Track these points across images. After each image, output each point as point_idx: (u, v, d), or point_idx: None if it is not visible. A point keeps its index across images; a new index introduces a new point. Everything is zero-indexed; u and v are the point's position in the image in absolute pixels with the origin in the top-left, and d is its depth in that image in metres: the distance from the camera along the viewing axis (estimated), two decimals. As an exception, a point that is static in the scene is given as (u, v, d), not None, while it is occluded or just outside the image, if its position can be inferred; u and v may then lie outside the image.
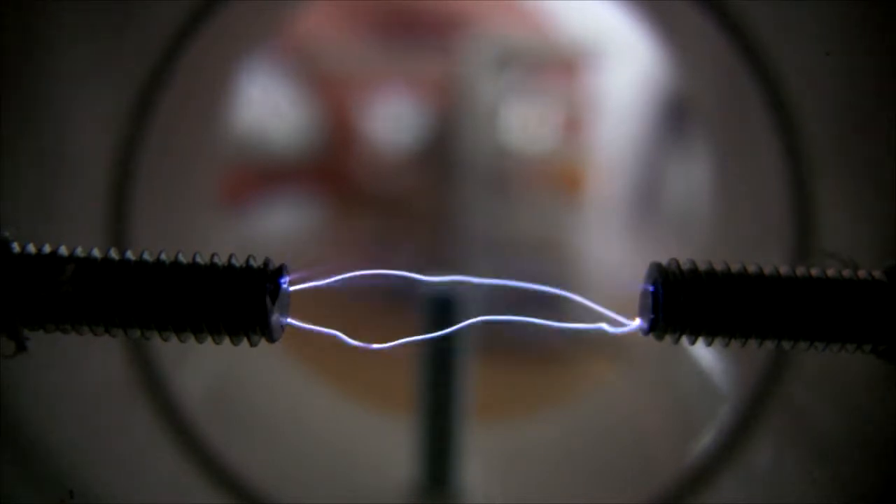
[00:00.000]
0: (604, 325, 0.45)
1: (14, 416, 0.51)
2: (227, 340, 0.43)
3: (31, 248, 0.43)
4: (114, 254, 0.43)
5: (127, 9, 0.60)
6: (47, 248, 0.43)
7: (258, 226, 1.50)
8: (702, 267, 0.44)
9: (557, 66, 1.57)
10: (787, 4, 0.57)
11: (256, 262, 0.43)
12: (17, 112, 0.53)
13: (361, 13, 1.58)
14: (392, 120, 1.58)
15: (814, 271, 0.45)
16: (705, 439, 0.67)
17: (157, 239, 0.68)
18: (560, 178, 1.57)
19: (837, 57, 0.54)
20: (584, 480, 0.76)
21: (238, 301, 0.42)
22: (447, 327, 0.74)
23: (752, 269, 0.45)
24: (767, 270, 0.45)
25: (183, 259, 0.43)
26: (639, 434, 0.81)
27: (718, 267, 0.45)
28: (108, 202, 0.64)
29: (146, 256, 0.43)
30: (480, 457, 0.78)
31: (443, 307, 0.71)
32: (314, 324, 0.45)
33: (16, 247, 0.43)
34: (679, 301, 0.44)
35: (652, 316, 0.45)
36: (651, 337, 0.45)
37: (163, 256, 0.43)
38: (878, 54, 0.51)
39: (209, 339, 0.43)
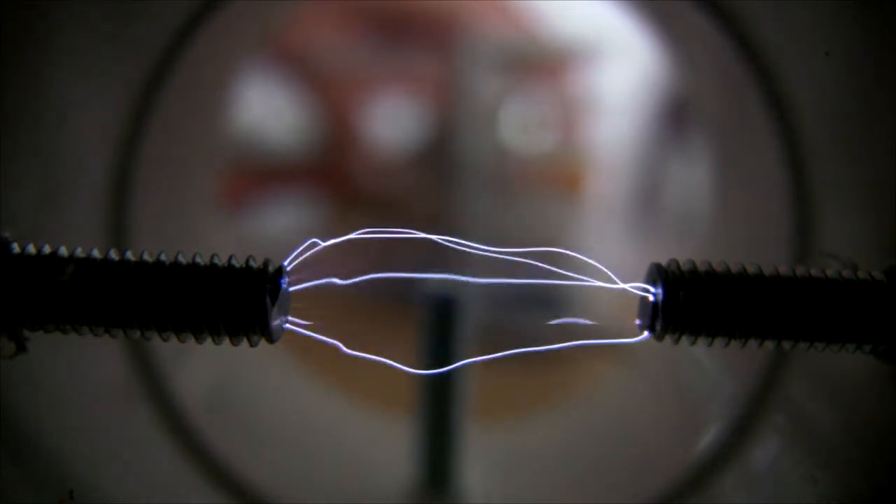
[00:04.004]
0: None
1: (14, 416, 0.51)
2: (226, 341, 0.43)
3: (31, 249, 0.43)
4: (114, 254, 0.43)
5: (126, 9, 0.60)
6: (47, 249, 0.43)
7: (258, 226, 1.50)
8: (702, 267, 0.45)
9: (557, 66, 1.57)
10: (787, 4, 0.57)
11: (256, 263, 0.43)
12: (17, 112, 0.53)
13: (359, 14, 1.58)
14: (391, 120, 1.58)
15: (814, 271, 0.45)
16: (705, 439, 0.67)
17: (157, 239, 0.68)
18: (560, 178, 1.57)
19: (837, 57, 0.54)
20: (583, 480, 0.76)
21: (238, 301, 0.42)
22: (448, 327, 0.74)
23: (752, 269, 0.45)
24: (767, 270, 0.45)
25: (183, 259, 0.43)
26: (639, 434, 0.81)
27: (718, 267, 0.45)
28: (108, 202, 0.64)
29: (146, 256, 0.43)
30: (480, 457, 0.78)
31: (444, 307, 0.71)
32: (314, 324, 0.45)
33: (16, 247, 0.43)
34: (679, 302, 0.44)
35: (652, 316, 0.45)
36: (651, 337, 0.45)
37: (163, 257, 0.43)
38: (878, 54, 0.51)
39: (209, 340, 0.43)
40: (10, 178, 0.52)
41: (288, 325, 0.45)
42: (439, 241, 0.45)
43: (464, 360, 0.76)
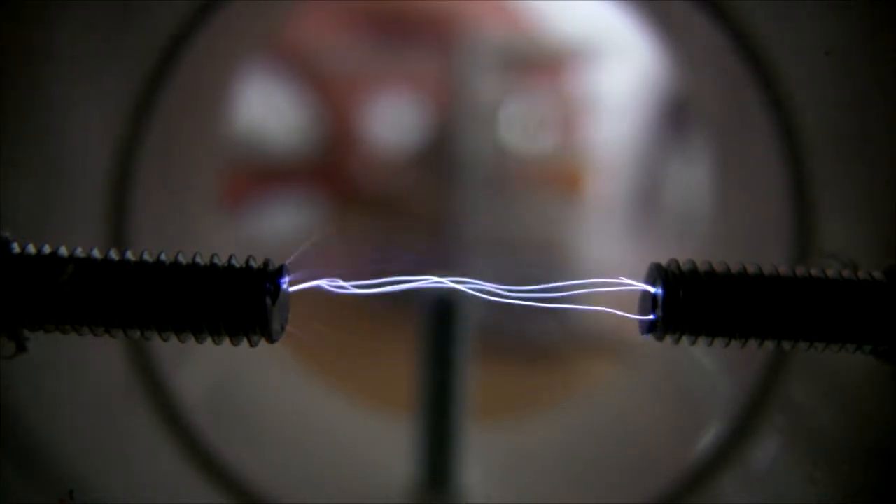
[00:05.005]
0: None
1: (14, 416, 0.51)
2: (226, 341, 0.43)
3: (31, 248, 0.43)
4: (114, 254, 0.43)
5: (127, 9, 0.60)
6: (47, 249, 0.43)
7: (258, 226, 1.50)
8: (702, 267, 0.45)
9: (557, 65, 1.57)
10: (786, 4, 0.57)
11: (256, 263, 0.43)
12: (18, 112, 0.53)
13: (359, 14, 1.58)
14: (391, 120, 1.58)
15: (814, 271, 0.45)
16: (705, 439, 0.67)
17: (157, 239, 0.68)
18: (560, 178, 1.57)
19: (837, 57, 0.54)
20: (583, 480, 0.76)
21: (238, 301, 0.42)
22: (448, 326, 0.74)
23: (752, 269, 0.45)
24: (767, 270, 0.45)
25: (183, 259, 0.43)
26: (639, 434, 0.81)
27: (718, 267, 0.45)
28: (108, 202, 0.64)
29: (146, 257, 0.43)
30: (480, 457, 0.78)
31: (443, 306, 0.71)
32: (313, 323, 0.45)
33: (16, 247, 0.43)
34: (679, 302, 0.44)
35: (652, 316, 0.45)
36: (651, 337, 0.45)
37: (163, 257, 0.43)
38: (878, 54, 0.51)
39: (209, 340, 0.43)
40: (10, 178, 0.52)
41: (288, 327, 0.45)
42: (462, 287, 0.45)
43: (464, 359, 0.76)
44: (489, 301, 0.45)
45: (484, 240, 1.50)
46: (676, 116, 1.46)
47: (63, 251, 0.43)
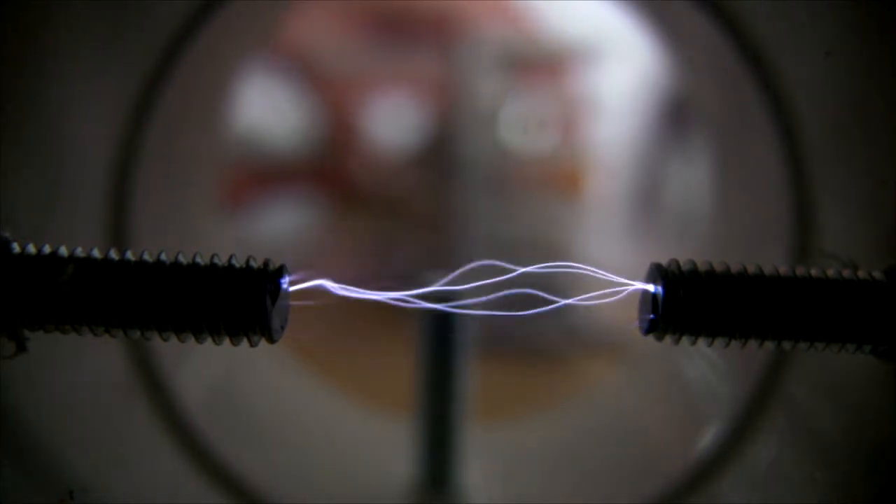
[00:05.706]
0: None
1: (14, 416, 0.51)
2: (227, 341, 0.43)
3: (31, 248, 0.43)
4: (114, 254, 0.43)
5: (127, 9, 0.60)
6: (47, 249, 0.43)
7: (258, 226, 1.50)
8: (702, 267, 0.45)
9: (557, 66, 1.57)
10: (786, 5, 0.57)
11: (256, 263, 0.43)
12: (18, 112, 0.53)
13: (359, 14, 1.58)
14: (392, 120, 1.58)
15: (814, 271, 0.45)
16: (705, 439, 0.67)
17: (158, 239, 0.68)
18: (560, 178, 1.57)
19: (837, 57, 0.54)
20: (584, 480, 0.76)
21: (238, 301, 0.42)
22: (447, 327, 0.74)
23: (752, 269, 0.45)
24: (767, 270, 0.45)
25: (183, 259, 0.43)
26: (639, 434, 0.81)
27: (718, 267, 0.45)
28: (109, 202, 0.64)
29: (146, 256, 0.43)
30: (480, 457, 0.78)
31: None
32: (313, 322, 0.45)
33: (16, 247, 0.43)
34: (679, 301, 0.44)
35: (652, 316, 0.45)
36: (651, 337, 0.45)
37: (163, 256, 0.43)
38: (878, 54, 0.51)
39: (209, 340, 0.43)
40: (10, 178, 0.52)
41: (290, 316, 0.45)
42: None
43: (463, 359, 0.76)
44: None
45: (484, 240, 1.50)
46: (676, 116, 1.46)
47: (63, 251, 0.43)
